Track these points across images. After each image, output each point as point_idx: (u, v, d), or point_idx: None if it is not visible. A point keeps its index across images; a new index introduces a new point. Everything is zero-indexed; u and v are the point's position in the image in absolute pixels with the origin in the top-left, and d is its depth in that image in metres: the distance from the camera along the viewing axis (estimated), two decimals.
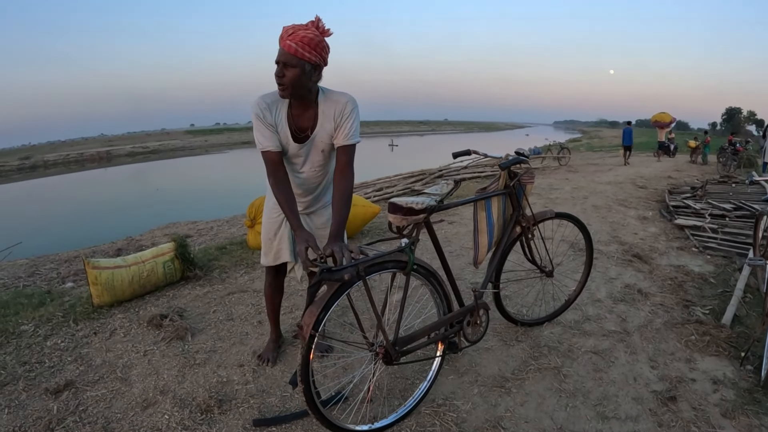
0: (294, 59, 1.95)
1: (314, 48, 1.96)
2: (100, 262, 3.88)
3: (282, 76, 1.99)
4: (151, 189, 29.65)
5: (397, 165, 16.96)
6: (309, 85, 2.05)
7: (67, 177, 56.21)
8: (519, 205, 2.68)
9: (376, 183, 12.11)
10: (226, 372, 2.67)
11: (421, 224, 2.12)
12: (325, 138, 2.19)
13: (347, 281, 1.76)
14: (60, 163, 77.44)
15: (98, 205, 26.49)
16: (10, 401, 2.59)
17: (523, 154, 2.66)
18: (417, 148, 60.53)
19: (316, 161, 2.27)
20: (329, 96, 2.16)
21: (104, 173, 42.65)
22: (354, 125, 2.15)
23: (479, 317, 2.47)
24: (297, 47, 1.93)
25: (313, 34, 1.96)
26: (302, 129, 2.18)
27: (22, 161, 77.61)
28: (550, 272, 3.01)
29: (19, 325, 3.61)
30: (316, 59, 1.99)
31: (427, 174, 12.20)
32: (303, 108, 2.15)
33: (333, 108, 2.14)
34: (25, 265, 7.92)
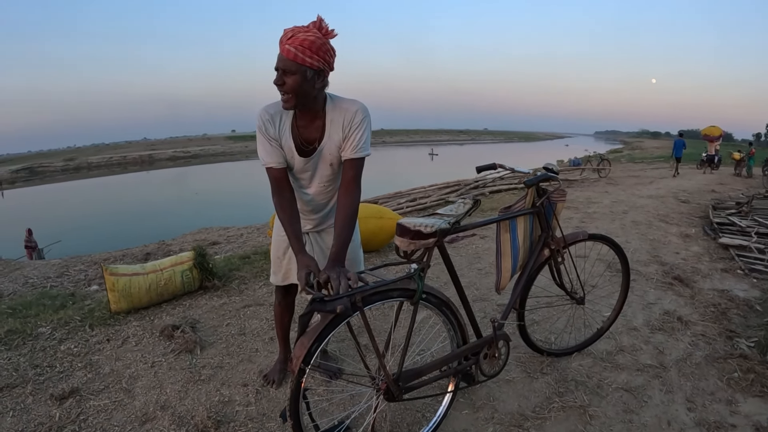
0: (294, 65, 1.81)
1: (316, 52, 1.81)
2: (117, 269, 3.92)
3: (282, 84, 1.86)
4: (189, 193, 30.36)
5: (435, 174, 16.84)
6: (313, 92, 1.91)
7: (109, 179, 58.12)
8: (548, 225, 2.50)
9: (410, 193, 11.98)
10: (229, 391, 2.62)
11: (432, 248, 1.97)
12: (334, 150, 2.05)
13: (340, 314, 1.65)
14: (103, 165, 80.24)
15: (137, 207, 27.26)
16: (16, 404, 2.63)
17: (552, 170, 2.48)
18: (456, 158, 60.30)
19: (324, 176, 2.14)
20: (338, 104, 2.02)
21: (146, 176, 43.88)
22: (364, 136, 2.00)
23: (498, 350, 2.30)
24: (296, 52, 1.79)
25: (315, 36, 1.81)
26: (309, 141, 2.05)
27: (66, 162, 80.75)
28: (582, 299, 2.81)
29: (38, 327, 3.68)
30: (319, 64, 1.84)
31: (462, 185, 12.03)
32: (309, 118, 2.02)
33: (342, 117, 1.99)
34: (57, 265, 8.15)
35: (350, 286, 1.67)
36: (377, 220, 5.28)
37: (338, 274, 1.69)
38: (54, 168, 79.41)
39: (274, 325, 2.72)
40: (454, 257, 4.89)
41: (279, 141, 2.04)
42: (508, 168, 2.57)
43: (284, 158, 2.07)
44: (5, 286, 6.58)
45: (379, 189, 15.06)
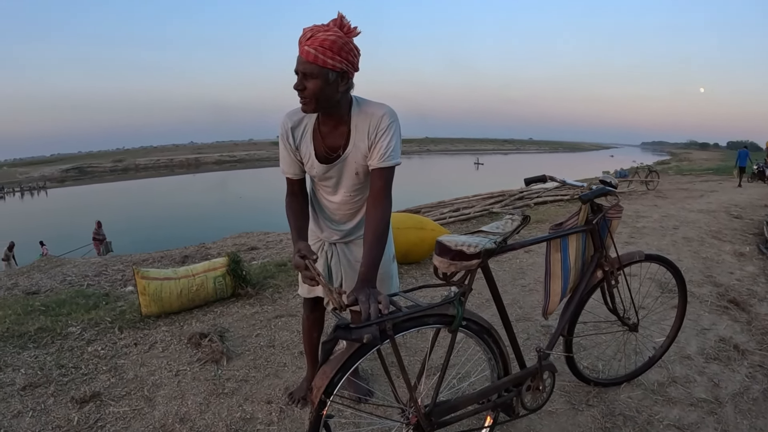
0: (314, 68, 1.70)
1: (338, 52, 1.69)
2: (149, 272, 3.95)
3: (302, 89, 1.75)
4: (233, 197, 31.02)
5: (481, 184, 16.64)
6: (336, 96, 1.79)
7: (155, 181, 60.10)
8: (602, 244, 2.33)
9: (453, 203, 11.89)
10: (252, 407, 2.55)
11: (475, 270, 1.84)
12: (359, 158, 1.93)
13: (365, 345, 1.52)
14: (150, 167, 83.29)
15: (180, 209, 27.99)
16: (37, 404, 2.65)
17: (611, 184, 2.32)
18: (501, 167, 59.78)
19: (350, 185, 2.03)
20: (364, 108, 1.90)
21: (191, 179, 45.10)
22: (392, 143, 1.86)
23: (542, 382, 2.14)
24: (317, 53, 1.68)
25: (336, 35, 1.69)
26: (332, 148, 1.94)
27: (115, 163, 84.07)
28: (635, 326, 2.63)
29: (68, 326, 3.73)
30: (342, 65, 1.72)
31: (507, 196, 11.82)
32: (333, 124, 1.91)
33: (367, 122, 1.87)
34: (96, 264, 8.37)
35: (380, 312, 1.53)
36: (418, 231, 5.19)
37: (367, 297, 1.54)
38: (103, 168, 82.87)
39: (302, 339, 2.63)
40: (496, 272, 4.73)
41: (299, 150, 1.98)
42: (559, 180, 2.42)
43: (301, 169, 2.03)
44: (44, 282, 6.77)
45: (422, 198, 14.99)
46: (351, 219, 2.15)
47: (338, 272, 2.23)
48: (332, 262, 2.23)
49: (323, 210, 2.18)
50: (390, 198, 1.88)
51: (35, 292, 6.04)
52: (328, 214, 2.16)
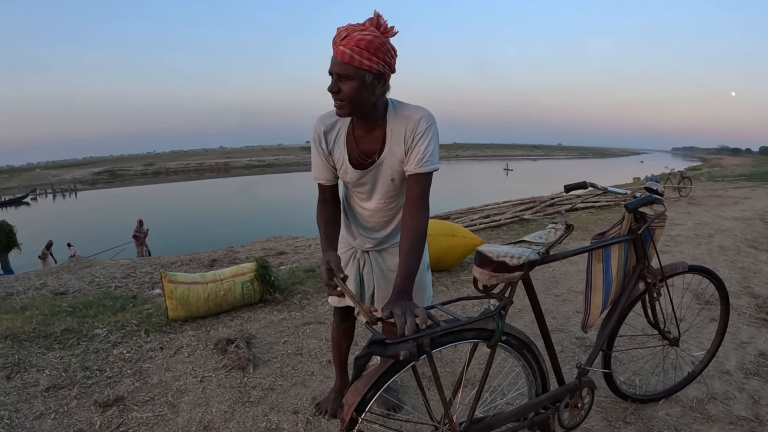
0: (350, 69, 1.63)
1: (375, 53, 1.62)
2: (176, 276, 3.94)
3: (337, 91, 1.69)
4: (262, 201, 31.36)
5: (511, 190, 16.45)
6: (372, 99, 1.72)
7: (185, 184, 61.20)
8: (645, 255, 2.23)
9: (484, 209, 11.81)
10: (278, 417, 2.49)
11: (516, 282, 1.75)
12: (395, 164, 1.85)
13: (401, 361, 1.43)
14: (180, 171, 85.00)
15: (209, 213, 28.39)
16: (60, 406, 2.65)
17: (657, 191, 2.21)
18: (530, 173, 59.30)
19: (385, 192, 1.96)
20: (400, 112, 1.82)
21: (221, 183, 45.78)
22: (429, 148, 1.78)
23: (581, 399, 2.06)
24: (353, 54, 1.61)
25: (373, 35, 1.62)
26: (367, 153, 1.88)
27: (145, 167, 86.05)
28: (676, 340, 2.52)
29: (94, 328, 3.75)
30: (379, 66, 1.65)
31: (538, 202, 11.66)
32: (368, 127, 1.85)
33: (404, 126, 1.80)
34: (125, 265, 8.46)
35: (418, 326, 1.44)
36: (449, 238, 5.11)
37: (404, 311, 1.45)
38: (134, 172, 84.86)
39: (331, 349, 2.56)
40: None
41: (332, 155, 1.92)
42: (600, 187, 2.33)
43: (334, 175, 1.97)
44: (72, 283, 6.85)
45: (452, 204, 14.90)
46: (385, 227, 2.09)
47: (370, 281, 2.16)
48: (364, 270, 2.17)
49: (356, 217, 2.12)
50: (427, 205, 1.81)
51: (63, 293, 6.11)
52: (362, 222, 2.10)
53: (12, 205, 49.78)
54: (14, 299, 5.99)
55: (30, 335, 3.59)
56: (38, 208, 46.47)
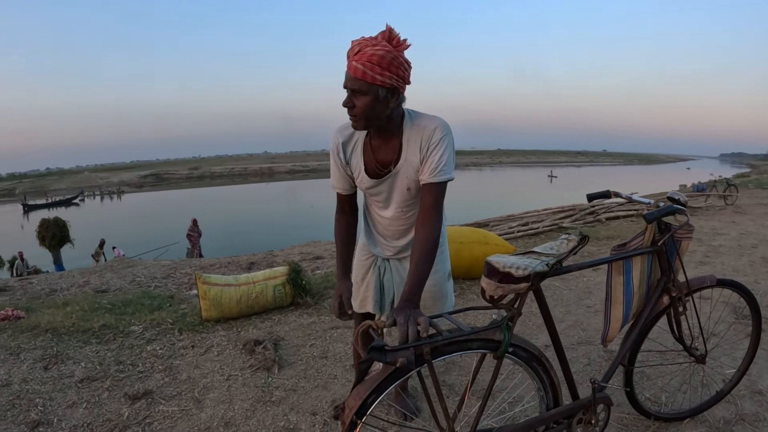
0: (363, 84, 1.67)
1: (387, 68, 1.65)
2: (210, 278, 4.11)
3: (352, 107, 1.72)
4: (305, 206, 31.72)
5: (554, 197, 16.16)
6: (386, 112, 1.76)
7: (229, 188, 62.46)
8: (670, 267, 2.18)
9: (522, 217, 11.70)
10: (297, 417, 2.57)
11: (524, 294, 1.75)
12: (411, 173, 1.88)
13: (401, 368, 1.46)
14: (225, 175, 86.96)
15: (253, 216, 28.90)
16: (92, 397, 2.81)
17: (679, 201, 2.17)
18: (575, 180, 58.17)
19: (402, 201, 1.98)
20: (416, 121, 1.85)
21: (265, 188, 46.49)
22: (444, 157, 1.79)
23: (596, 415, 2.01)
24: (365, 69, 1.64)
25: (384, 50, 1.65)
26: (383, 163, 1.91)
27: (191, 171, 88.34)
28: (702, 357, 2.43)
29: (131, 325, 3.92)
30: (392, 81, 1.68)
31: (578, 210, 11.45)
32: (384, 138, 1.88)
33: (419, 136, 1.82)
34: (166, 266, 8.75)
35: (419, 334, 1.48)
36: (482, 246, 5.12)
37: (406, 319, 1.50)
38: (179, 175, 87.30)
39: (353, 356, 2.60)
40: (562, 290, 4.58)
41: (349, 165, 1.98)
42: (625, 196, 2.30)
43: (351, 184, 2.03)
44: (114, 282, 7.14)
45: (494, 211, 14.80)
46: (404, 235, 2.10)
47: (390, 289, 2.19)
48: (385, 278, 2.20)
49: (376, 225, 2.15)
50: (441, 215, 1.83)
51: (104, 291, 6.39)
52: (381, 230, 2.13)
53: (62, 205, 52.16)
54: (57, 295, 6.30)
55: (69, 329, 3.78)
56: (87, 209, 48.28)
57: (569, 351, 3.21)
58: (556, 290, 4.55)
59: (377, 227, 2.15)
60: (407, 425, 2.39)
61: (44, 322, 3.91)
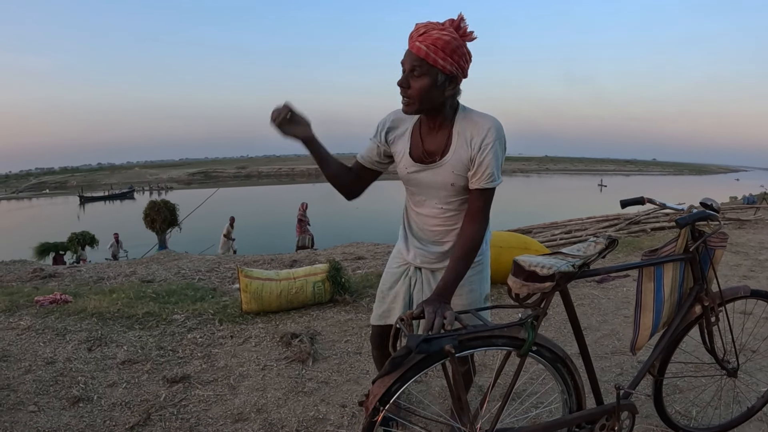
0: (424, 65, 1.65)
1: (450, 54, 1.64)
2: (252, 272, 4.26)
3: (407, 87, 1.70)
4: (350, 207, 32.06)
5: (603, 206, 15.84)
6: (441, 99, 1.73)
7: (276, 188, 63.54)
8: (703, 276, 2.15)
9: (566, 224, 11.63)
10: (326, 409, 2.66)
11: (550, 294, 1.76)
12: (458, 167, 1.81)
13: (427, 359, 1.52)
14: (272, 175, 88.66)
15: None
16: (131, 378, 2.98)
17: (712, 207, 2.13)
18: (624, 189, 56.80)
19: (443, 196, 1.90)
20: (469, 116, 1.81)
21: (311, 188, 47.05)
22: (496, 162, 1.76)
23: (619, 422, 2.00)
24: (428, 50, 1.62)
25: (451, 36, 1.63)
26: (430, 153, 1.86)
27: (238, 170, 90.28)
28: (734, 370, 2.39)
29: (173, 314, 4.09)
30: (453, 68, 1.66)
31: (622, 219, 11.24)
32: (435, 127, 1.84)
33: (470, 131, 1.78)
34: (210, 261, 9.01)
35: (444, 327, 1.52)
36: (522, 252, 5.11)
37: (434, 310, 1.54)
38: (227, 174, 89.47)
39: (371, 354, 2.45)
40: (600, 299, 4.54)
41: (391, 148, 1.96)
42: (658, 203, 2.28)
43: (373, 162, 2.00)
44: (159, 273, 7.41)
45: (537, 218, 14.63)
46: (441, 240, 2.00)
47: (419, 302, 2.02)
48: (414, 290, 2.07)
49: (412, 225, 2.07)
50: (487, 218, 1.83)
51: (150, 281, 6.64)
52: (416, 230, 2.04)
53: (119, 198, 54.50)
54: (104, 283, 6.58)
55: (114, 315, 3.99)
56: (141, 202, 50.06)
57: (602, 360, 3.22)
58: (595, 298, 4.51)
59: (413, 228, 2.06)
60: (428, 418, 2.42)
61: (90, 307, 4.13)
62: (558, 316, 3.85)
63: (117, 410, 2.63)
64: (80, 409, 2.64)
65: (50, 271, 8.09)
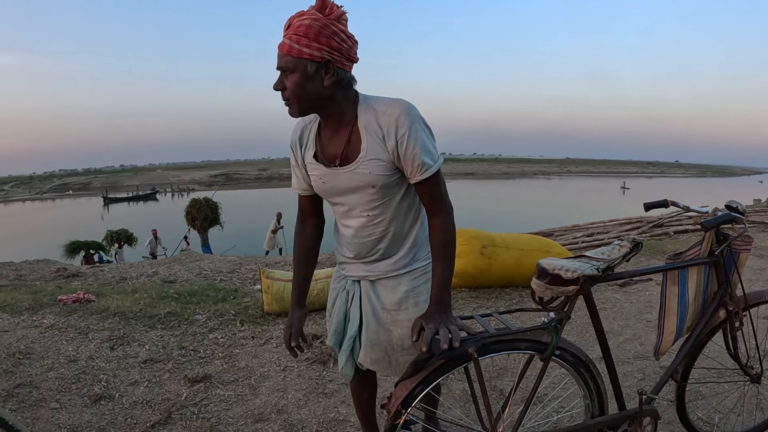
0: (290, 61, 1.47)
1: (315, 38, 1.44)
2: (274, 273, 4.30)
3: (283, 89, 1.53)
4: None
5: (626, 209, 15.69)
6: (322, 92, 1.52)
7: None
8: (727, 280, 2.12)
9: (588, 227, 11.49)
10: (346, 410, 2.68)
11: (574, 297, 1.76)
12: (376, 167, 1.58)
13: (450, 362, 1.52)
14: None
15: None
16: (153, 377, 3.03)
17: (737, 210, 2.08)
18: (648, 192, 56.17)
19: (366, 201, 1.65)
20: (372, 106, 1.58)
21: None
22: (423, 148, 1.55)
23: (642, 428, 1.98)
24: (291, 43, 1.46)
25: (311, 18, 1.44)
26: (334, 157, 1.63)
27: (260, 171, 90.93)
28: (757, 376, 2.34)
29: (195, 314, 4.15)
30: (321, 53, 1.46)
31: (645, 222, 11.08)
32: (333, 127, 1.63)
33: (378, 123, 1.57)
34: (232, 262, 9.09)
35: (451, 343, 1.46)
36: (543, 254, 5.07)
37: (436, 325, 1.49)
38: (248, 176, 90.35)
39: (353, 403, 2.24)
40: (622, 303, 4.49)
41: (303, 160, 1.73)
42: (682, 206, 2.25)
43: (310, 184, 1.75)
44: (181, 273, 7.51)
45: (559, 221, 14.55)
46: (373, 248, 1.74)
47: (356, 318, 1.82)
48: (351, 305, 1.84)
49: (342, 241, 1.82)
50: (446, 203, 1.65)
51: (172, 281, 6.73)
52: (347, 245, 1.78)
53: (143, 200, 55.44)
54: (127, 283, 6.68)
55: (137, 314, 4.06)
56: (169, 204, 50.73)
57: (625, 365, 3.19)
58: (617, 302, 4.47)
59: (343, 243, 1.81)
60: (451, 421, 2.43)
61: (113, 307, 4.21)
62: (579, 320, 3.82)
63: (138, 408, 2.68)
64: (102, 406, 2.69)
65: (73, 270, 8.25)
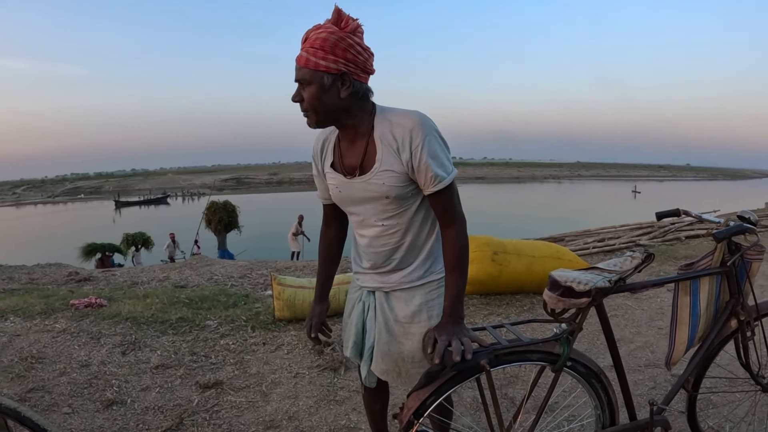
0: (307, 73, 1.52)
1: (331, 51, 1.50)
2: (285, 280, 4.33)
3: (300, 101, 1.58)
4: None
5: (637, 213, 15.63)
6: (339, 104, 1.56)
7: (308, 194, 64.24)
8: (739, 290, 2.12)
9: (599, 232, 11.45)
10: (357, 417, 2.69)
11: (586, 309, 1.77)
12: (391, 178, 1.61)
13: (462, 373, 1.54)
14: (304, 182, 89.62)
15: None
16: (165, 382, 3.06)
17: (749, 220, 2.09)
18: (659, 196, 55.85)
19: (380, 211, 1.69)
20: (388, 117, 1.62)
21: None
22: (436, 161, 1.58)
23: None
24: (308, 56, 1.51)
25: (327, 32, 1.50)
26: (354, 167, 1.67)
27: (270, 176, 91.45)
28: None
29: (206, 320, 4.18)
30: (338, 66, 1.51)
31: (656, 227, 11.02)
32: (350, 138, 1.67)
33: (393, 135, 1.60)
34: (243, 266, 9.11)
35: (463, 355, 1.47)
36: (555, 261, 5.07)
37: (448, 337, 1.51)
38: (258, 180, 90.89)
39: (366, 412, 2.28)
40: (633, 310, 4.48)
41: (323, 171, 1.79)
42: (695, 215, 2.25)
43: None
44: (192, 278, 7.54)
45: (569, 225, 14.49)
46: (387, 259, 1.77)
47: (372, 330, 1.85)
48: (368, 317, 1.87)
49: (359, 250, 1.87)
50: (459, 214, 1.67)
51: (183, 286, 6.76)
52: (363, 254, 1.83)
53: (154, 203, 55.84)
54: (138, 288, 6.72)
55: (148, 320, 4.09)
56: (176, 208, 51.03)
57: (636, 373, 3.19)
58: (628, 310, 4.45)
59: (360, 252, 1.87)
60: (461, 431, 2.42)
61: (125, 311, 4.24)
62: (590, 328, 3.80)
63: (150, 414, 2.70)
64: (114, 411, 2.72)
65: (85, 274, 8.30)
